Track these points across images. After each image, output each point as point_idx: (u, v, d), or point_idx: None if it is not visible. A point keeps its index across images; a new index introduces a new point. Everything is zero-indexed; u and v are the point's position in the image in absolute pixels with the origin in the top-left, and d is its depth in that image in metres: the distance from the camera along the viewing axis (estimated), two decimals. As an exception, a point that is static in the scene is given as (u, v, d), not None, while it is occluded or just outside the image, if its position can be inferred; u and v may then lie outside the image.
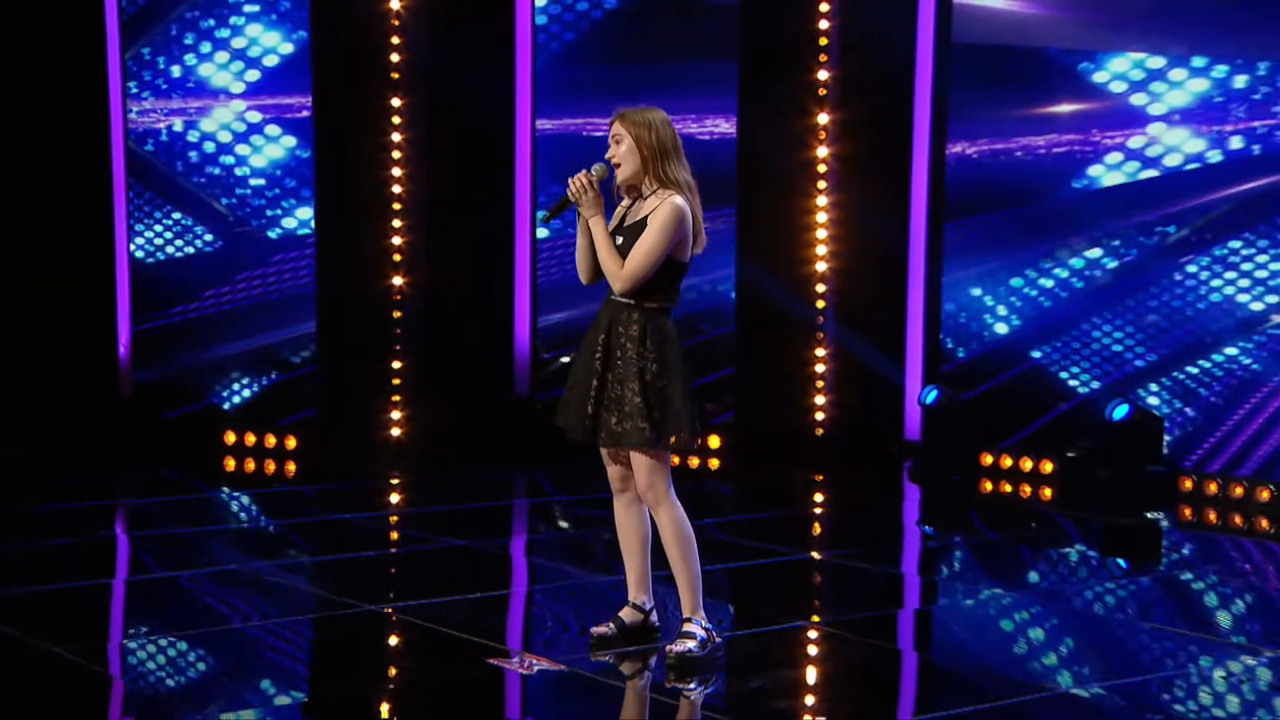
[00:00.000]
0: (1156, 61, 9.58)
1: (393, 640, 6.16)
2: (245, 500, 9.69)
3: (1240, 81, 9.25)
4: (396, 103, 10.43)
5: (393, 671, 5.84)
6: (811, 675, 5.86)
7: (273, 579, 7.10)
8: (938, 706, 5.47)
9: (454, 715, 5.06)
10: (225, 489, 10.06)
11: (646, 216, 5.26)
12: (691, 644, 5.29)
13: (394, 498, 9.91)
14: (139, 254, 11.09)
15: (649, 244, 5.16)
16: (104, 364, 10.91)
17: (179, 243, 11.01)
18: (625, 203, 5.43)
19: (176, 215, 10.90)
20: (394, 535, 8.67)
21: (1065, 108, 10.28)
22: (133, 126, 10.88)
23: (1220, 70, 9.33)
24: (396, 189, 10.62)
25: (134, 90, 10.85)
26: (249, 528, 8.86)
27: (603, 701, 5.18)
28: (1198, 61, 9.40)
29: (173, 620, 6.27)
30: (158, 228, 11.01)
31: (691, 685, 5.22)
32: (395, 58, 10.45)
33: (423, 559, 7.79)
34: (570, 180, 5.26)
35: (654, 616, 5.73)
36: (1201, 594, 7.43)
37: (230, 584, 6.98)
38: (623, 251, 5.25)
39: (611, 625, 5.63)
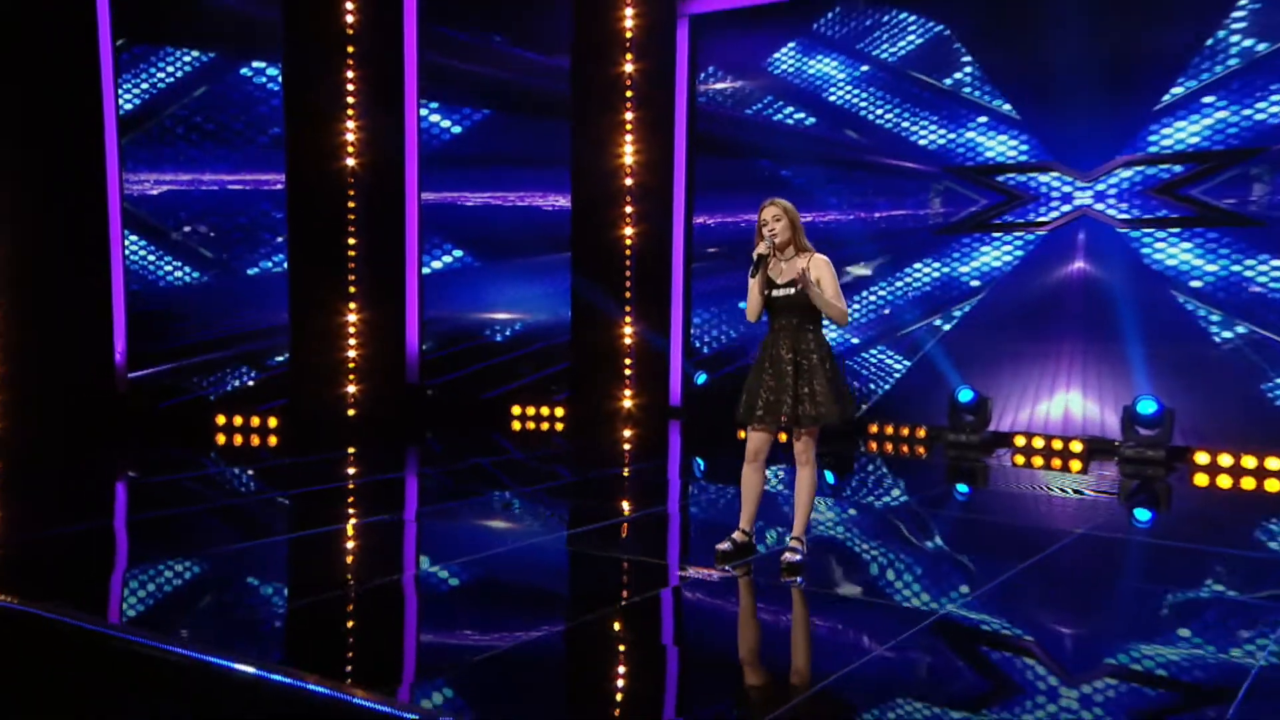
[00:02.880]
0: (831, 173, 11.35)
1: (584, 566, 5.97)
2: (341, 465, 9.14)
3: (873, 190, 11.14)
4: (351, 179, 11.24)
5: (620, 589, 5.54)
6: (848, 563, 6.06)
7: (428, 523, 6.91)
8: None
9: (699, 614, 5.13)
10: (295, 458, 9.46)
11: (804, 269, 5.48)
12: (796, 556, 5.69)
13: (412, 461, 9.61)
14: (136, 286, 11.03)
15: (834, 288, 5.53)
16: (104, 368, 10.86)
17: (170, 279, 11.02)
18: (772, 262, 5.63)
19: (168, 258, 10.99)
20: (459, 489, 8.20)
21: (774, 196, 11.79)
22: (129, 192, 10.90)
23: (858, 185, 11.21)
24: (350, 240, 11.34)
25: (131, 165, 10.88)
26: (359, 485, 8.34)
27: (758, 594, 5.42)
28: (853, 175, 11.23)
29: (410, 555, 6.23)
30: (150, 266, 11.02)
31: (799, 580, 5.53)
32: (353, 149, 11.28)
33: (502, 505, 7.63)
34: (760, 247, 5.52)
35: (754, 539, 5.97)
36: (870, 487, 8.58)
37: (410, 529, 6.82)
38: (797, 296, 5.51)
39: (730, 543, 5.85)
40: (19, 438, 9.92)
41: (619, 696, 4.15)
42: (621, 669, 4.44)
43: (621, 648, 4.70)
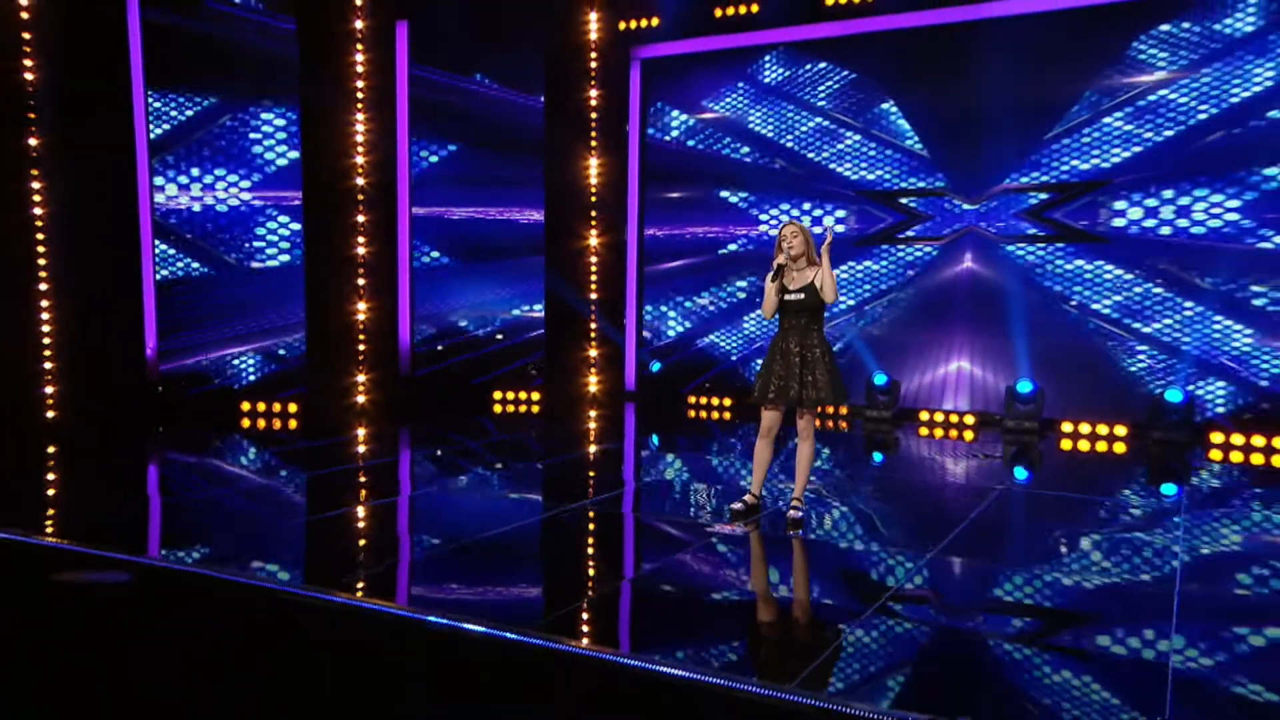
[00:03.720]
0: (764, 194, 12.05)
1: (615, 527, 6.09)
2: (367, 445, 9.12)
3: (798, 208, 11.98)
4: (360, 197, 11.61)
5: (655, 546, 5.66)
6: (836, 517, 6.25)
7: (458, 495, 6.91)
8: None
9: (727, 566, 5.19)
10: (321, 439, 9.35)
11: (812, 277, 5.91)
12: (798, 514, 6.05)
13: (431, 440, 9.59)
14: (166, 289, 11.14)
15: (834, 285, 5.92)
16: (137, 362, 11.05)
17: (197, 282, 11.15)
18: (787, 271, 5.98)
19: (195, 264, 11.19)
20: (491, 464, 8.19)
21: (712, 213, 12.42)
22: (158, 206, 11.05)
23: (785, 203, 12.04)
24: (360, 249, 11.76)
25: (160, 184, 11.07)
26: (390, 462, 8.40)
27: (766, 544, 5.59)
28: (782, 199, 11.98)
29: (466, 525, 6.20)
30: (180, 271, 11.14)
31: (802, 533, 5.83)
32: (361, 171, 11.70)
33: (538, 473, 7.86)
34: (780, 258, 5.87)
35: (762, 500, 6.30)
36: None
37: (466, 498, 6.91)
38: (806, 301, 5.88)
39: (742, 504, 6.18)
40: (68, 426, 10.14)
41: (698, 616, 4.67)
42: (698, 595, 4.93)
43: (688, 583, 5.09)
